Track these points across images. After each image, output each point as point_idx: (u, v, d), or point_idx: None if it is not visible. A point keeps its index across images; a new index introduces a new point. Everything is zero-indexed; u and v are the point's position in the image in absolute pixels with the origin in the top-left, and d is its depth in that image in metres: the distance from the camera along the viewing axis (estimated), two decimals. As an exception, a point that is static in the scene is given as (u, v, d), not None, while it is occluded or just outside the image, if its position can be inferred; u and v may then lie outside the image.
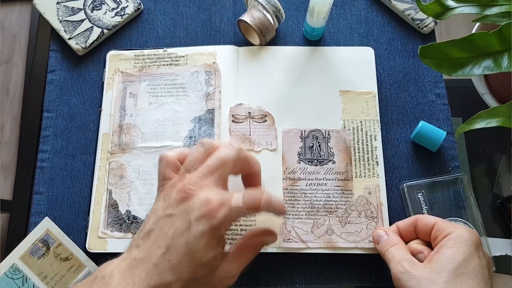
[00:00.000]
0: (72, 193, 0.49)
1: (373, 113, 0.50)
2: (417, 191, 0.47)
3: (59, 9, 0.54)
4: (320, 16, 0.49)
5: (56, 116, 0.52)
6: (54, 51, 0.54)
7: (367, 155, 0.48)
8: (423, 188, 0.47)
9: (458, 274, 0.35)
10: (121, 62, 0.52)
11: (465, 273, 0.35)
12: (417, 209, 0.47)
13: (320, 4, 0.47)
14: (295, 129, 0.49)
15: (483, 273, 0.36)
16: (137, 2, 0.55)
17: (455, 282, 0.35)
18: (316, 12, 0.48)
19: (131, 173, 0.48)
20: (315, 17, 0.49)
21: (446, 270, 0.36)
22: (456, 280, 0.35)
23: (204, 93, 0.51)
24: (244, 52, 0.53)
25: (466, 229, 0.38)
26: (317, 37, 0.54)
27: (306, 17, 0.51)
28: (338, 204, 0.46)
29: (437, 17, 0.40)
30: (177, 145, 0.49)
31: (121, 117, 0.50)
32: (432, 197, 0.47)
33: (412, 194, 0.47)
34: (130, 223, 0.46)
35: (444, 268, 0.36)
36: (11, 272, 0.45)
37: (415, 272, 0.37)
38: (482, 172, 0.52)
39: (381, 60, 0.53)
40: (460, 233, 0.38)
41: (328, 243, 0.45)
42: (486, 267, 0.37)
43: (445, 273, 0.35)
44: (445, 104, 0.51)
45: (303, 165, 0.48)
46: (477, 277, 0.35)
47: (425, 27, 0.53)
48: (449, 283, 0.35)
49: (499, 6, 0.38)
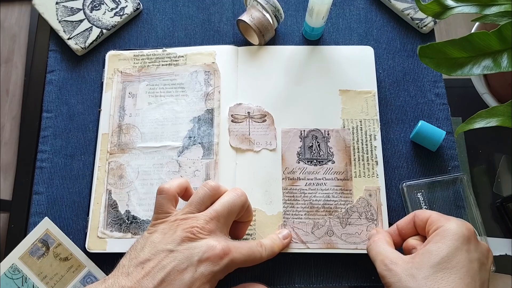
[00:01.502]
0: (72, 193, 0.49)
1: (372, 113, 0.50)
2: (416, 191, 0.47)
3: (58, 9, 0.54)
4: (319, 16, 0.49)
5: (56, 116, 0.52)
6: (54, 51, 0.54)
7: (367, 155, 0.48)
8: (423, 188, 0.47)
9: (440, 269, 0.35)
10: (120, 62, 0.52)
11: (447, 267, 0.35)
12: (416, 209, 0.46)
13: (319, 4, 0.47)
14: (295, 128, 0.49)
15: (469, 267, 0.35)
16: (136, 2, 0.55)
17: (435, 278, 0.34)
18: (315, 12, 0.48)
19: (130, 173, 0.48)
20: (314, 17, 0.49)
21: (426, 265, 0.35)
22: (436, 275, 0.34)
23: (204, 93, 0.51)
24: (243, 52, 0.53)
25: (457, 222, 0.37)
26: (316, 37, 0.54)
27: (306, 17, 0.51)
28: (337, 204, 0.46)
29: (437, 17, 0.40)
30: (176, 145, 0.49)
31: (120, 117, 0.50)
32: (432, 196, 0.47)
33: (411, 193, 0.47)
34: (129, 223, 0.46)
35: (425, 263, 0.35)
36: (11, 272, 0.45)
37: (397, 269, 0.36)
38: (482, 171, 0.52)
39: (380, 60, 0.53)
40: (449, 227, 0.37)
41: (328, 244, 0.45)
42: (477, 260, 0.36)
43: (426, 269, 0.35)
44: (444, 104, 0.51)
45: (303, 165, 0.48)
46: (460, 272, 0.34)
47: (424, 27, 0.53)
48: (428, 279, 0.34)
49: (498, 6, 0.38)
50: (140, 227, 0.46)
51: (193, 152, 0.48)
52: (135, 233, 0.46)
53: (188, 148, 0.48)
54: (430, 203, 0.47)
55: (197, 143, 0.49)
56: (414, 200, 0.47)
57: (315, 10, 0.48)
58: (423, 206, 0.47)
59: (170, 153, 0.48)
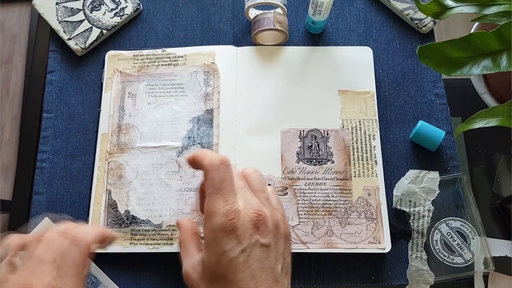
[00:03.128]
0: (72, 193, 0.49)
1: (371, 113, 0.50)
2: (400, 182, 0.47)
3: (58, 9, 0.54)
4: (323, 8, 0.49)
5: (56, 116, 0.52)
6: (54, 51, 0.54)
7: (366, 155, 0.48)
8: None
9: (214, 280, 0.32)
10: (120, 62, 0.52)
11: (218, 276, 0.32)
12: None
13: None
14: (294, 128, 0.49)
15: (246, 264, 0.31)
16: (136, 3, 0.55)
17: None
18: (318, 3, 0.48)
19: (129, 173, 0.48)
20: (317, 10, 0.49)
21: (205, 277, 0.33)
22: (215, 287, 0.32)
23: (203, 93, 0.51)
24: (242, 52, 0.53)
25: (213, 212, 0.32)
26: (320, 30, 0.53)
27: (308, 10, 0.51)
28: (337, 203, 0.46)
29: (436, 17, 0.40)
30: (176, 145, 0.49)
31: (120, 117, 0.50)
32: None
33: (411, 193, 0.47)
34: (129, 223, 0.46)
35: (203, 275, 0.33)
36: (11, 273, 0.45)
37: (190, 280, 0.34)
38: (481, 171, 0.52)
39: (380, 60, 0.53)
40: (206, 232, 0.33)
41: (328, 244, 0.45)
42: (252, 248, 0.32)
43: (205, 281, 0.33)
44: (444, 104, 0.51)
45: (302, 164, 0.48)
46: (237, 277, 0.31)
47: (424, 27, 0.53)
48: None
49: (498, 6, 0.38)
50: (140, 227, 0.46)
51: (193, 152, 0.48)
52: (134, 233, 0.46)
53: (187, 148, 0.48)
54: (429, 203, 0.47)
55: (196, 144, 0.49)
56: (414, 200, 0.47)
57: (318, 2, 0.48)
58: (422, 206, 0.47)
59: (170, 153, 0.48)
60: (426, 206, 0.46)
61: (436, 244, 0.46)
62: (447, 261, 0.45)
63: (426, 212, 0.46)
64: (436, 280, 0.45)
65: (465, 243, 0.46)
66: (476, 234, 0.46)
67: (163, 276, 0.46)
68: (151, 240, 0.45)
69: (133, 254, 0.46)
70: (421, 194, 0.47)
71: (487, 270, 0.45)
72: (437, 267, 0.45)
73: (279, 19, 0.49)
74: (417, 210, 0.46)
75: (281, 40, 0.52)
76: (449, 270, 0.45)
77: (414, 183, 0.47)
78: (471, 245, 0.46)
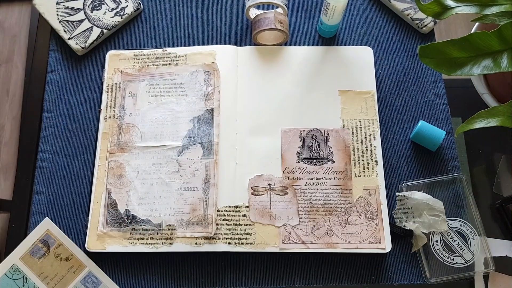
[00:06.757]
0: (72, 192, 0.49)
1: (372, 113, 0.50)
2: (416, 191, 0.47)
3: (59, 9, 0.54)
4: (336, 13, 0.49)
5: (56, 116, 0.52)
6: (54, 51, 0.54)
7: (366, 155, 0.48)
8: (422, 188, 0.47)
9: None
10: (121, 62, 0.52)
11: None
12: (416, 209, 0.47)
13: (335, 1, 0.47)
14: (294, 128, 0.49)
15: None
16: (137, 2, 0.55)
17: None
18: (330, 9, 0.48)
19: (130, 172, 0.48)
20: (329, 14, 0.49)
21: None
22: None
23: (203, 93, 0.51)
24: (243, 52, 0.53)
25: None
26: (331, 34, 0.54)
27: (321, 15, 0.51)
28: (337, 203, 0.46)
29: (437, 17, 0.40)
30: (176, 144, 0.49)
31: (120, 117, 0.50)
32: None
33: (411, 193, 0.47)
34: (129, 222, 0.46)
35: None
36: (11, 273, 0.45)
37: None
38: (482, 171, 0.52)
39: (380, 60, 0.53)
40: None
41: (328, 244, 0.45)
42: None
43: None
44: (444, 104, 0.51)
45: (302, 164, 0.48)
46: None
47: (424, 27, 0.53)
48: None
49: (498, 6, 0.38)
50: (139, 226, 0.46)
51: (193, 152, 0.48)
52: (134, 233, 0.46)
53: (188, 148, 0.48)
54: (430, 203, 0.47)
55: (196, 143, 0.49)
56: (414, 200, 0.47)
57: (330, 6, 0.48)
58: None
59: (170, 152, 0.48)
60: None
61: (436, 245, 0.46)
62: (447, 262, 0.45)
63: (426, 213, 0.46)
64: (437, 281, 0.45)
65: (465, 243, 0.46)
66: (476, 234, 0.46)
67: (163, 276, 0.46)
68: (151, 240, 0.45)
69: (133, 254, 0.46)
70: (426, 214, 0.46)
71: (487, 270, 0.45)
72: (437, 267, 0.45)
73: (279, 19, 0.50)
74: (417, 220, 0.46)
75: (281, 40, 0.52)
76: (449, 271, 0.45)
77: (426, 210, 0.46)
78: (471, 245, 0.46)
